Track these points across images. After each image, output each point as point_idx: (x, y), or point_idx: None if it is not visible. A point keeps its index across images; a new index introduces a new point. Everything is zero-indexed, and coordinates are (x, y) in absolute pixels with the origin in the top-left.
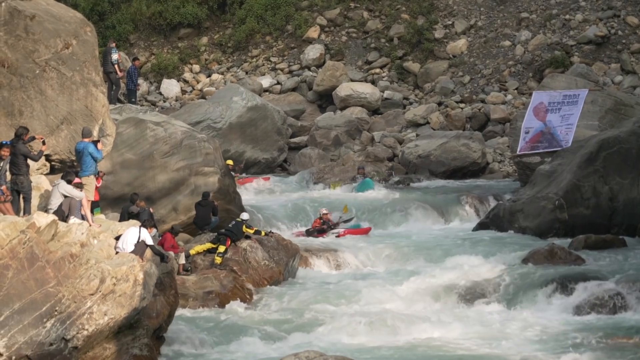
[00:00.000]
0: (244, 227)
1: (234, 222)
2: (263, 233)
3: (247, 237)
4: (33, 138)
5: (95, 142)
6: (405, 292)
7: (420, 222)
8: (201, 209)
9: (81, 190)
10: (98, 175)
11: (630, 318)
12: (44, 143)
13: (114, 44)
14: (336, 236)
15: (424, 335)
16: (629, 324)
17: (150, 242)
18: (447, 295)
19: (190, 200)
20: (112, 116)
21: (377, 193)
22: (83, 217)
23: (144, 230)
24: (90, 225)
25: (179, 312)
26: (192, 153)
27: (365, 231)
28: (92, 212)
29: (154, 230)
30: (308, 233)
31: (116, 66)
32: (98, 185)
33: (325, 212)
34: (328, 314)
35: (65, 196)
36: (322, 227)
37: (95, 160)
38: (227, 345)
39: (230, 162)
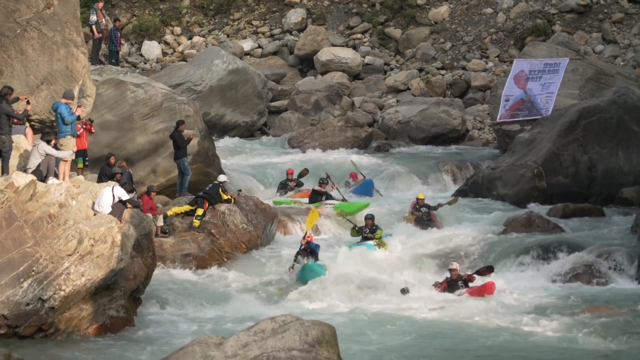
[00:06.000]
0: (219, 190)
1: (211, 184)
2: (233, 200)
3: (226, 200)
4: (17, 99)
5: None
6: (382, 258)
7: (399, 189)
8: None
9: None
10: (89, 123)
11: (605, 287)
12: (28, 103)
13: (98, 4)
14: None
15: (402, 301)
16: (605, 293)
17: (125, 197)
18: (424, 261)
19: (169, 162)
20: (93, 77)
21: (359, 159)
22: (56, 175)
23: (117, 187)
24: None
25: (156, 273)
26: (172, 115)
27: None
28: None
29: (133, 194)
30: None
31: (94, 27)
32: (93, 131)
33: (454, 267)
34: None
35: (46, 155)
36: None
37: (64, 121)
38: (203, 308)
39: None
